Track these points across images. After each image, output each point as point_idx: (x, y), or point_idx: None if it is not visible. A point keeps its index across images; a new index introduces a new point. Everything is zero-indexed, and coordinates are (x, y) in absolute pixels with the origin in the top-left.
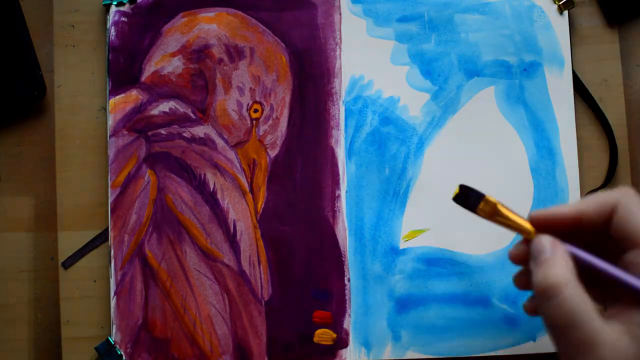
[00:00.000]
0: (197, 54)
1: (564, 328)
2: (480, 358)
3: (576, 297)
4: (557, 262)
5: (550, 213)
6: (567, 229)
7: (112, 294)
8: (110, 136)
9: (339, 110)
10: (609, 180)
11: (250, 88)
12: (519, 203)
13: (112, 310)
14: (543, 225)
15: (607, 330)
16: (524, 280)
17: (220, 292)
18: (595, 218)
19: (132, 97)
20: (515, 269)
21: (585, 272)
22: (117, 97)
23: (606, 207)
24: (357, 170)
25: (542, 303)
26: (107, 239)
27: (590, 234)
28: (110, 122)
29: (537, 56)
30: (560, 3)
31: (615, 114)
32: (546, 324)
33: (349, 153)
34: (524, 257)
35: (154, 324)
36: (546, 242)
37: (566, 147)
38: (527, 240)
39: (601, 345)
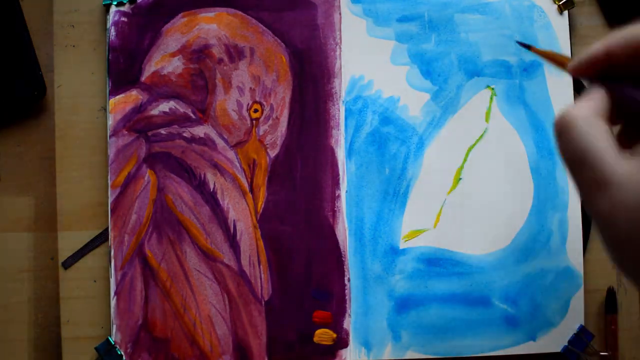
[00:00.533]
0: (197, 54)
1: (575, 165)
2: (480, 358)
3: (589, 133)
4: (582, 102)
5: (583, 58)
6: (602, 71)
7: (112, 294)
8: (110, 136)
9: (339, 110)
10: None
11: (250, 88)
12: (519, 203)
13: (112, 310)
14: (583, 72)
15: (623, 167)
16: None
17: (220, 292)
18: (622, 52)
19: (132, 97)
20: (515, 268)
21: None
22: (117, 97)
23: (631, 40)
24: (357, 170)
25: (556, 140)
26: (107, 239)
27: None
28: (110, 122)
29: (537, 56)
30: (560, 3)
31: None
32: (563, 163)
33: (349, 153)
34: None
35: (154, 324)
36: (591, 89)
37: None
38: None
39: (615, 183)
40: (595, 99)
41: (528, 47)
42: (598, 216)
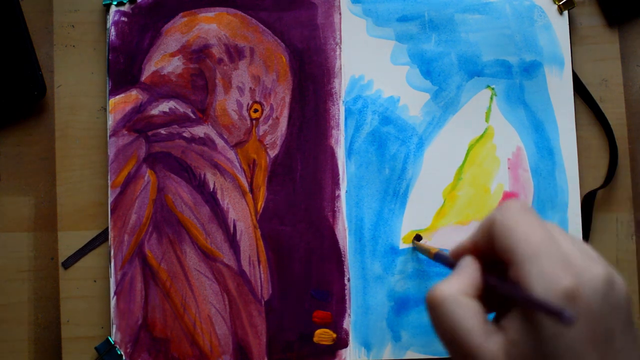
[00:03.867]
0: (197, 53)
1: (446, 342)
2: None
3: (455, 312)
4: (453, 278)
5: (458, 246)
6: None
7: (112, 294)
8: (110, 136)
9: (339, 110)
10: (609, 180)
11: (250, 88)
12: None
13: (112, 310)
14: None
15: (488, 348)
16: None
17: (220, 292)
18: (484, 242)
19: (132, 97)
20: None
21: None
22: (117, 97)
23: (487, 229)
24: (357, 170)
25: (429, 316)
26: (107, 239)
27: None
28: (110, 122)
29: (538, 56)
30: (560, 3)
31: (615, 114)
32: (438, 337)
33: (349, 153)
34: None
35: (154, 324)
36: (462, 260)
37: (566, 147)
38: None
39: None
40: (465, 276)
41: (417, 242)
42: None
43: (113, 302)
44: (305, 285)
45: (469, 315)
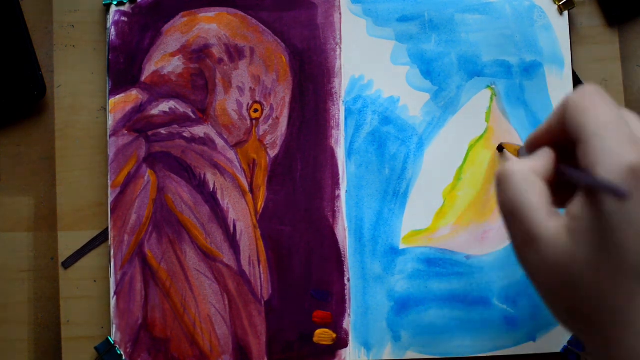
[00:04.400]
0: (197, 53)
1: (508, 217)
2: (480, 358)
3: (523, 187)
4: (526, 159)
5: (533, 134)
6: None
7: (112, 294)
8: (110, 136)
9: (339, 110)
10: None
11: (250, 88)
12: None
13: (112, 310)
14: (535, 147)
15: (549, 225)
16: None
17: (220, 292)
18: (557, 124)
19: (132, 97)
20: (515, 268)
21: None
22: (117, 97)
23: (561, 110)
24: (357, 170)
25: (495, 191)
26: (107, 239)
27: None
28: (110, 122)
29: (538, 56)
30: (560, 3)
31: None
32: (500, 214)
33: (349, 153)
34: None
35: (153, 323)
36: (540, 150)
37: None
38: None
39: (540, 240)
40: (538, 158)
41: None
42: (526, 268)
43: (113, 302)
44: (305, 285)
45: (535, 191)
